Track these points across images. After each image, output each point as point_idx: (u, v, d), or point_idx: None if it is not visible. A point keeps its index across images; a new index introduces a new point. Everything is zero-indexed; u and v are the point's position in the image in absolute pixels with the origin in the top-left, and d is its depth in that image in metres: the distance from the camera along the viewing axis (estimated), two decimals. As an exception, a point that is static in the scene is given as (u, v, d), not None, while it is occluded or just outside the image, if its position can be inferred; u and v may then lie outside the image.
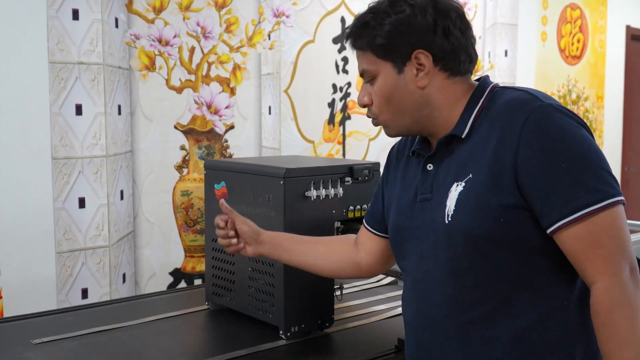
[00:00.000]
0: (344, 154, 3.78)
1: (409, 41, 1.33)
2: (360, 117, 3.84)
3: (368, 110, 1.43)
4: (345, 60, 3.73)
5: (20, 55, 2.62)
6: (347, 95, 3.76)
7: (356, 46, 1.40)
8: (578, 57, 5.43)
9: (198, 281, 3.18)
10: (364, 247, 1.64)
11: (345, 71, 3.74)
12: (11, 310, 2.52)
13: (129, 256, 3.01)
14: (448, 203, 1.31)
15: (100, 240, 2.85)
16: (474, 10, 4.42)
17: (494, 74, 4.62)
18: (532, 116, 1.24)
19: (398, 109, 1.37)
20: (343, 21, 3.71)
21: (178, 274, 3.16)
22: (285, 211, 1.80)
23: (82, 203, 2.79)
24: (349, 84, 3.76)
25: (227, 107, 3.25)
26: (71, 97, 2.73)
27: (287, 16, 3.45)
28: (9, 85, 2.60)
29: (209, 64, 3.18)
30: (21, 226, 2.65)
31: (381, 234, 1.59)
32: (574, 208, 1.20)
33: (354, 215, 1.93)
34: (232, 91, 3.27)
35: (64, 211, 2.75)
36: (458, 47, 1.34)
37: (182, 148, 3.13)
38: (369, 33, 1.36)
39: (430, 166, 1.39)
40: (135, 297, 2.50)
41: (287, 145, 3.50)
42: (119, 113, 2.92)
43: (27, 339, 1.85)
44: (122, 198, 2.96)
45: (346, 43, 1.45)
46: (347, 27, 1.42)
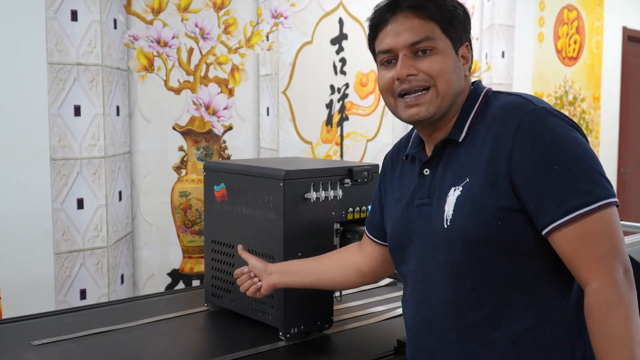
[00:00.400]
0: (341, 155, 3.79)
1: (465, 32, 1.40)
2: (357, 118, 3.85)
3: (410, 82, 1.34)
4: (343, 61, 3.74)
5: (19, 56, 2.62)
6: (345, 96, 3.77)
7: (425, 9, 1.33)
8: (575, 58, 5.45)
9: (196, 282, 3.19)
10: (366, 253, 1.67)
11: (343, 72, 3.75)
12: (10, 310, 2.52)
13: (127, 257, 3.01)
14: (446, 208, 1.32)
15: (98, 241, 2.85)
16: (471, 12, 4.42)
17: (490, 75, 4.63)
18: (525, 120, 1.26)
19: (455, 86, 1.36)
20: (341, 22, 3.71)
21: (176, 274, 3.16)
22: (285, 213, 1.81)
23: (80, 204, 2.80)
24: (346, 85, 3.76)
25: (225, 108, 3.25)
26: (70, 98, 2.73)
27: (286, 17, 3.45)
28: (7, 86, 2.60)
29: (207, 65, 3.18)
30: (20, 227, 2.65)
31: (381, 242, 1.61)
32: (568, 210, 1.22)
33: (354, 217, 1.94)
34: (231, 92, 3.27)
35: (63, 212, 2.75)
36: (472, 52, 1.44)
37: (181, 149, 3.14)
38: (443, 5, 1.35)
39: (427, 171, 1.40)
40: (134, 298, 2.51)
41: (285, 146, 3.51)
42: (118, 114, 2.92)
43: (27, 340, 1.85)
44: (120, 199, 2.96)
45: (386, 3, 1.37)
46: None
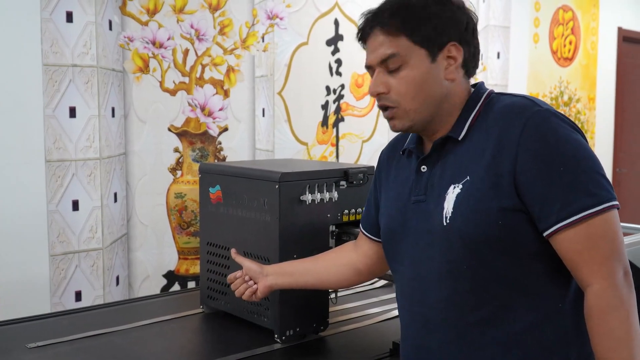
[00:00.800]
0: (337, 156, 3.79)
1: (447, 31, 1.34)
2: (353, 119, 3.85)
3: (381, 100, 1.37)
4: (339, 62, 3.74)
5: (14, 57, 2.62)
6: (340, 97, 3.77)
7: (389, 25, 1.33)
8: (570, 59, 5.46)
9: (192, 283, 3.19)
10: (362, 250, 1.66)
11: (339, 73, 3.75)
12: (5, 312, 2.51)
13: (122, 258, 3.01)
14: (446, 205, 1.31)
15: (93, 242, 2.85)
16: (466, 13, 4.43)
17: (486, 76, 4.63)
18: (531, 121, 1.26)
19: (426, 98, 1.34)
20: (336, 23, 3.71)
21: (172, 276, 3.16)
22: (281, 215, 1.80)
23: (75, 205, 2.79)
24: (342, 86, 3.77)
25: (220, 109, 3.25)
26: (65, 100, 2.73)
27: (281, 18, 3.45)
28: (2, 88, 2.60)
29: (203, 66, 3.18)
30: (15, 228, 2.65)
31: (376, 239, 1.60)
32: (571, 212, 1.22)
33: (349, 219, 1.94)
34: (226, 93, 3.27)
35: (58, 214, 2.75)
36: (476, 51, 1.40)
37: (176, 150, 3.13)
38: (410, 15, 1.32)
39: (424, 168, 1.39)
40: (129, 300, 2.50)
41: (281, 147, 3.51)
42: (113, 115, 2.92)
43: (23, 343, 1.84)
44: (115, 200, 2.96)
45: (363, 21, 1.37)
46: (379, 5, 1.36)
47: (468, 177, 1.30)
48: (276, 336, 1.85)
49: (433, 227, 1.33)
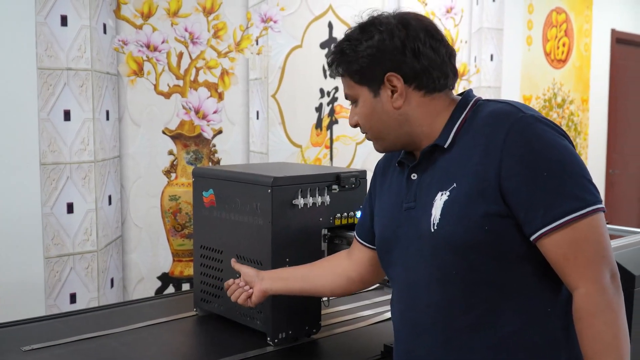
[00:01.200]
0: (331, 158, 3.80)
1: (380, 65, 1.37)
2: (347, 122, 3.86)
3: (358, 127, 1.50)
4: (333, 65, 3.75)
5: (8, 61, 2.62)
6: (334, 99, 3.79)
7: (337, 73, 1.47)
8: (563, 61, 5.48)
9: (186, 285, 3.20)
10: (356, 258, 1.68)
11: (333, 76, 3.75)
12: (-1, 315, 2.53)
13: (117, 261, 3.02)
14: (433, 212, 1.34)
15: (88, 245, 2.86)
16: (460, 15, 4.45)
17: (479, 78, 4.65)
18: (514, 127, 1.27)
19: (379, 128, 1.43)
20: (330, 26, 3.73)
21: (166, 278, 3.17)
22: (273, 219, 1.82)
23: (70, 208, 2.80)
24: (336, 89, 3.78)
25: (215, 112, 3.27)
26: (59, 103, 2.74)
27: (275, 21, 3.47)
28: (-3, 91, 2.61)
29: (197, 69, 3.19)
30: (9, 231, 2.66)
31: (371, 246, 1.62)
32: (556, 216, 1.24)
33: (341, 222, 1.95)
34: (220, 96, 3.28)
35: (52, 216, 2.76)
36: (430, 65, 1.37)
37: (170, 153, 3.15)
38: (344, 60, 1.42)
39: (414, 175, 1.42)
40: (124, 303, 2.51)
41: (275, 149, 3.52)
42: (107, 118, 2.93)
43: (17, 345, 1.86)
44: (110, 203, 2.97)
45: (329, 71, 1.52)
46: (329, 54, 1.49)
47: (455, 184, 1.32)
48: (269, 339, 1.86)
49: (422, 234, 1.36)
